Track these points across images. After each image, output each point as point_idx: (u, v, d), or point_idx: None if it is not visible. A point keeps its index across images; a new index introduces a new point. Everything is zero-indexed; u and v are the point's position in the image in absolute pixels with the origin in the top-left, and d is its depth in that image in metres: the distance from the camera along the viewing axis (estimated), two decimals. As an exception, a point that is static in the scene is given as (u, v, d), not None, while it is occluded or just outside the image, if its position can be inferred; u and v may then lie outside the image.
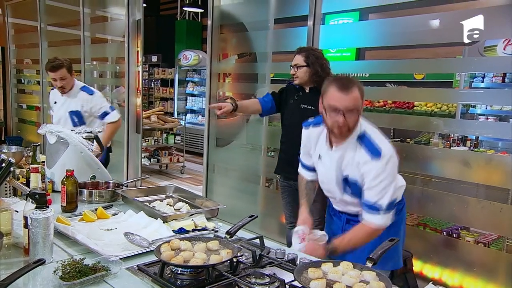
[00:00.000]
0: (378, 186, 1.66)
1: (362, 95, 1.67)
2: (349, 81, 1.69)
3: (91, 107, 3.11)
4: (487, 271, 2.51)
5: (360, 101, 1.67)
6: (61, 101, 3.16)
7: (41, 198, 1.37)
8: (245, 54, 4.16)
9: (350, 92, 1.65)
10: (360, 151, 1.71)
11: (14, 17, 6.90)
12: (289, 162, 2.70)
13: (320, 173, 1.90)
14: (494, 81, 4.67)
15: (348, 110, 1.64)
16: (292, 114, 2.68)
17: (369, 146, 1.70)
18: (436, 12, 2.83)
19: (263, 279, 1.25)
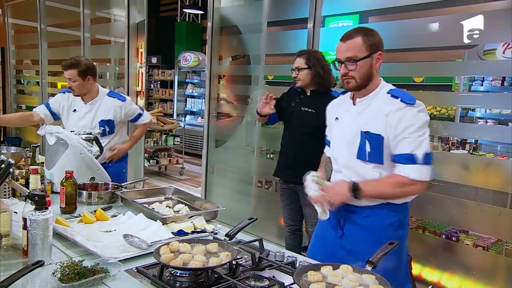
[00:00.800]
0: (413, 135, 1.56)
1: (369, 43, 1.60)
2: (357, 29, 1.64)
3: (125, 113, 2.87)
4: (486, 275, 2.51)
5: (362, 49, 1.60)
6: (84, 110, 2.83)
7: (40, 199, 1.37)
8: (239, 56, 4.17)
9: (349, 39, 1.61)
10: (391, 101, 1.61)
11: (14, 17, 6.90)
12: (288, 165, 2.70)
13: (334, 136, 1.80)
14: (493, 85, 4.68)
15: (347, 58, 1.60)
16: (293, 117, 2.68)
17: (402, 95, 1.62)
18: (435, 16, 2.83)
19: (262, 282, 1.24)
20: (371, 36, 1.62)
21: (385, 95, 1.65)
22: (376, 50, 1.62)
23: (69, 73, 2.74)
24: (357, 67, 1.61)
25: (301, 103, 2.64)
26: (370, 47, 1.61)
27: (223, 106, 4.31)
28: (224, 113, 4.37)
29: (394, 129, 1.59)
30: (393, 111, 1.59)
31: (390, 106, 1.60)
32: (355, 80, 1.63)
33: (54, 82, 6.67)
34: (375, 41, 1.62)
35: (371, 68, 1.63)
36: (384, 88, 1.67)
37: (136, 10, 5.07)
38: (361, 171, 1.68)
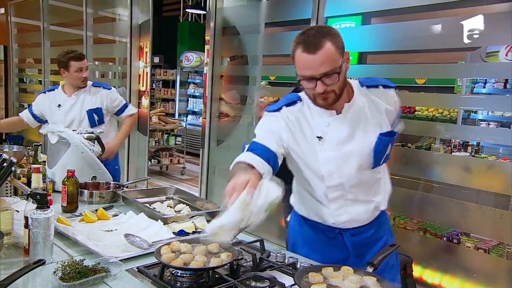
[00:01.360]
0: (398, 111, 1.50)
1: (340, 46, 1.30)
2: (318, 33, 1.30)
3: (111, 102, 2.96)
4: (487, 277, 2.51)
5: (337, 56, 1.29)
6: (70, 102, 2.89)
7: (42, 198, 1.37)
8: (237, 57, 4.18)
9: (319, 48, 1.27)
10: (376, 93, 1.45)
11: (17, 16, 6.91)
12: None
13: (329, 158, 1.43)
14: (495, 87, 4.67)
15: (324, 74, 1.28)
16: None
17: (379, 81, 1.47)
18: (438, 18, 2.83)
19: (263, 282, 1.24)
20: (336, 37, 1.31)
21: (362, 90, 1.45)
22: (343, 51, 1.33)
23: (85, 61, 2.85)
24: (336, 81, 1.31)
25: None
26: (340, 50, 1.31)
27: (221, 106, 4.32)
28: (223, 113, 4.37)
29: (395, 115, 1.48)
30: (392, 101, 1.47)
31: (383, 97, 1.45)
32: (335, 93, 1.35)
33: (57, 81, 6.69)
34: (340, 41, 1.33)
35: (345, 74, 1.37)
36: (355, 85, 1.47)
37: (139, 10, 5.08)
38: (372, 178, 1.50)
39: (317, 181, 1.49)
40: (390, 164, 2.87)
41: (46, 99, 2.98)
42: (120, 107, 3.01)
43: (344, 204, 1.49)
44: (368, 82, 1.46)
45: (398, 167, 2.88)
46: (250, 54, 3.98)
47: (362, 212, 1.51)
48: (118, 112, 3.01)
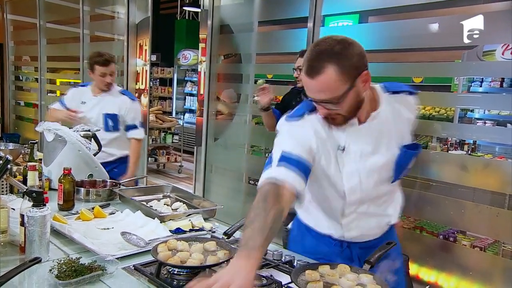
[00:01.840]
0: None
1: (347, 70, 1.16)
2: (322, 53, 1.17)
3: (127, 113, 2.88)
4: (483, 275, 2.52)
5: (338, 83, 1.16)
6: (93, 102, 2.89)
7: (38, 196, 1.36)
8: (230, 55, 4.18)
9: (317, 74, 1.16)
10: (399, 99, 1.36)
11: (13, 13, 6.88)
12: None
13: (348, 173, 1.33)
14: (492, 86, 4.69)
15: (322, 100, 1.21)
16: None
17: (403, 87, 1.39)
18: (435, 16, 2.83)
19: (260, 281, 1.24)
20: (346, 59, 1.16)
21: (386, 96, 1.35)
22: (358, 72, 1.19)
23: (111, 67, 2.82)
24: (343, 105, 1.21)
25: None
26: (350, 74, 1.17)
27: (218, 105, 4.32)
28: (219, 112, 4.38)
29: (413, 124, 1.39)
30: (413, 108, 1.38)
31: (405, 105, 1.36)
32: (342, 116, 1.25)
33: (53, 79, 6.66)
34: (354, 63, 1.18)
35: (358, 96, 1.22)
36: (379, 90, 1.36)
37: (136, 8, 5.06)
38: (386, 192, 1.42)
39: (337, 197, 1.37)
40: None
41: (76, 94, 2.99)
42: (132, 123, 2.91)
43: (356, 218, 1.39)
44: (392, 88, 1.36)
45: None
46: (244, 52, 3.98)
47: (373, 227, 1.45)
48: (128, 127, 2.92)
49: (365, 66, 1.22)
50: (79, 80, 5.69)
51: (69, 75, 6.57)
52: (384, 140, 1.32)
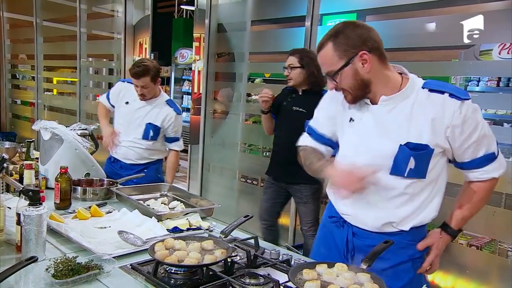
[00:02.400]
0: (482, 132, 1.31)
1: (343, 48, 1.29)
2: (328, 33, 1.33)
3: (170, 126, 2.75)
4: (479, 274, 2.53)
5: (334, 59, 1.30)
6: (137, 106, 2.71)
7: (35, 195, 1.36)
8: (223, 53, 4.19)
9: (321, 48, 1.33)
10: (434, 98, 1.29)
11: (10, 11, 6.84)
12: (280, 164, 2.71)
13: (348, 143, 1.45)
14: (489, 85, 4.70)
15: (326, 73, 1.35)
16: (285, 117, 2.68)
17: (450, 88, 1.30)
18: (433, 15, 2.84)
19: (257, 279, 1.24)
20: (344, 38, 1.29)
21: (421, 91, 1.32)
22: (356, 51, 1.28)
23: (143, 80, 2.58)
24: (341, 80, 1.33)
25: (293, 102, 2.63)
26: (346, 52, 1.29)
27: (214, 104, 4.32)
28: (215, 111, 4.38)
29: (458, 136, 1.30)
30: (449, 113, 1.28)
31: (439, 106, 1.29)
32: (349, 93, 1.36)
33: (50, 77, 6.64)
34: (352, 41, 1.29)
35: (358, 75, 1.31)
36: (416, 83, 1.35)
37: (134, 6, 5.05)
38: (395, 188, 1.37)
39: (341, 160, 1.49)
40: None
41: (122, 90, 2.82)
42: (174, 136, 2.82)
43: (355, 198, 1.39)
44: (433, 86, 1.33)
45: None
46: (238, 51, 3.98)
47: (369, 216, 1.42)
48: (169, 139, 2.83)
49: (365, 48, 1.29)
50: (75, 79, 5.67)
51: (66, 73, 6.54)
52: (391, 127, 1.34)
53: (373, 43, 1.30)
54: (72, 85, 6.21)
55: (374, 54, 1.30)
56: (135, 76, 2.57)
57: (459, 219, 1.44)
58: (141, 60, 2.66)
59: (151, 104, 2.72)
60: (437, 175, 1.41)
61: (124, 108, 2.77)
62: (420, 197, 1.40)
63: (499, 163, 1.39)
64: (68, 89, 6.75)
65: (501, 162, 1.40)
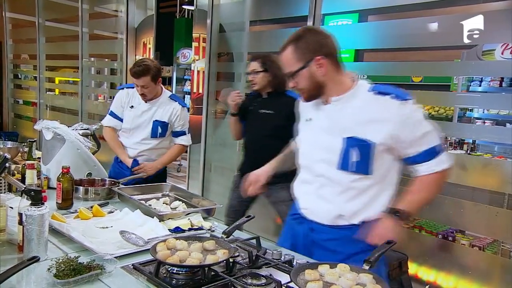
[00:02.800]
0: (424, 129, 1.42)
1: (300, 52, 1.43)
2: (290, 37, 1.47)
3: (177, 120, 2.75)
4: (481, 275, 2.52)
5: (293, 62, 1.44)
6: (143, 108, 2.71)
7: (37, 194, 1.36)
8: (223, 54, 4.20)
9: (282, 51, 1.48)
10: (380, 99, 1.43)
11: (12, 11, 6.86)
12: (250, 167, 2.70)
13: (305, 140, 1.62)
14: (491, 85, 4.69)
15: (286, 72, 1.48)
16: (253, 120, 2.71)
17: (393, 91, 1.43)
18: (435, 15, 2.83)
19: (259, 280, 1.24)
20: (304, 42, 1.43)
21: (367, 93, 1.46)
22: (313, 55, 1.42)
23: (143, 80, 2.57)
24: (298, 81, 1.48)
25: (259, 106, 2.67)
26: (304, 55, 1.43)
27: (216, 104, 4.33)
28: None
29: (399, 133, 1.41)
30: (393, 113, 1.41)
31: (382, 106, 1.42)
32: (305, 92, 1.51)
33: (52, 77, 6.65)
34: (310, 46, 1.43)
35: (313, 77, 1.45)
36: (363, 86, 1.49)
37: (135, 6, 5.06)
38: (342, 182, 1.49)
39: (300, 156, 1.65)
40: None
41: (124, 97, 2.79)
42: (180, 130, 2.80)
43: (311, 193, 1.56)
44: (379, 89, 1.46)
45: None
46: (236, 51, 3.99)
47: (323, 209, 1.54)
48: (175, 133, 2.81)
49: (320, 53, 1.43)
50: (77, 79, 5.68)
51: (67, 73, 6.55)
52: (339, 125, 1.48)
53: (329, 50, 1.45)
54: (74, 85, 6.22)
55: (329, 59, 1.45)
56: (135, 75, 2.57)
57: (406, 201, 1.49)
58: (141, 60, 2.65)
59: (156, 104, 2.72)
60: (385, 172, 1.50)
61: (129, 112, 2.76)
62: (368, 193, 1.50)
63: (442, 158, 1.47)
64: (70, 89, 6.76)
65: (443, 158, 1.48)
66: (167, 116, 2.72)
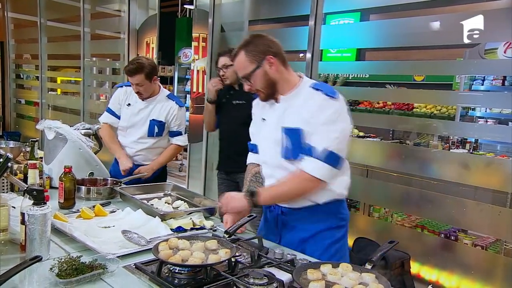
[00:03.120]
0: (324, 127, 1.53)
1: (252, 55, 1.59)
2: (240, 44, 1.64)
3: (174, 120, 2.75)
4: (484, 274, 2.51)
5: (246, 64, 1.59)
6: (139, 106, 2.72)
7: (39, 194, 1.36)
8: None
9: (235, 57, 1.64)
10: (314, 93, 1.59)
11: (14, 11, 6.87)
12: (228, 157, 2.80)
13: (262, 138, 1.75)
14: (494, 84, 4.68)
15: (241, 77, 1.64)
16: (226, 112, 2.76)
17: (325, 88, 1.59)
18: (437, 14, 2.82)
19: (261, 279, 1.24)
20: (253, 46, 1.61)
21: (308, 89, 1.62)
22: (264, 56, 1.59)
23: (138, 78, 2.58)
24: (254, 82, 1.62)
25: (231, 97, 2.72)
26: (255, 57, 1.59)
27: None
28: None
29: (310, 119, 1.55)
30: (314, 102, 1.57)
31: (314, 100, 1.57)
32: (262, 92, 1.65)
33: (54, 77, 6.66)
34: (259, 48, 1.60)
35: (267, 76, 1.61)
36: (307, 83, 1.65)
37: (137, 5, 5.06)
38: (286, 167, 1.63)
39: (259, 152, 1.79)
40: (388, 159, 2.87)
41: (121, 94, 2.81)
42: (177, 130, 2.79)
43: (273, 184, 1.69)
44: (317, 86, 1.62)
45: (396, 164, 2.88)
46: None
47: None
48: (171, 133, 2.81)
49: (270, 52, 1.60)
50: (79, 79, 5.68)
51: (69, 73, 6.56)
52: (285, 120, 1.63)
53: (276, 50, 1.62)
54: (76, 85, 6.22)
55: (278, 58, 1.62)
56: (128, 73, 2.58)
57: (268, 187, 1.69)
58: (136, 58, 2.67)
59: (152, 102, 2.73)
60: None
61: (126, 110, 2.77)
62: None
63: (315, 162, 1.54)
64: (72, 89, 6.77)
65: (317, 165, 1.53)
66: (163, 115, 2.73)
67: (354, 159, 3.14)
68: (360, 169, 3.31)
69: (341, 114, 1.56)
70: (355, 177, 3.25)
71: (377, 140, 4.32)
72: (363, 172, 3.32)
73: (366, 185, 3.10)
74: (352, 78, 6.12)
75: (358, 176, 3.24)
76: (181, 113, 2.80)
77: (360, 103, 5.38)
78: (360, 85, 5.78)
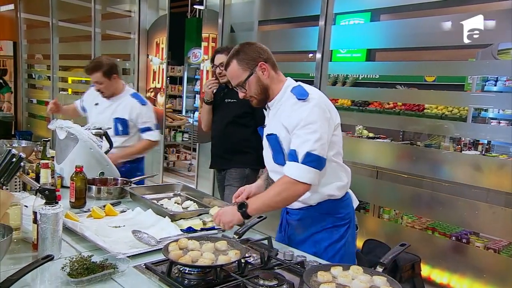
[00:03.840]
0: (300, 131, 1.54)
1: (245, 63, 1.62)
2: (231, 53, 1.67)
3: (137, 118, 2.79)
4: (496, 278, 2.48)
5: (240, 72, 1.63)
6: (105, 105, 2.82)
7: (51, 194, 1.37)
8: None
9: (227, 67, 1.67)
10: (290, 98, 1.63)
11: (27, 12, 6.96)
12: (220, 155, 2.81)
13: (263, 142, 1.82)
14: (507, 85, 4.60)
15: (235, 85, 1.67)
16: (218, 110, 2.78)
17: (296, 90, 1.62)
18: (448, 14, 2.79)
19: (271, 281, 1.23)
20: (244, 54, 1.64)
21: (288, 94, 1.65)
22: (256, 63, 1.63)
23: (94, 76, 2.69)
24: (248, 89, 1.66)
25: (225, 96, 2.73)
26: (248, 64, 1.63)
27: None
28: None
29: (287, 125, 1.59)
30: (288, 107, 1.61)
31: (287, 103, 1.63)
32: (255, 98, 1.68)
33: (65, 77, 6.73)
34: (251, 56, 1.63)
35: (260, 81, 1.65)
36: (288, 87, 1.67)
37: (147, 6, 5.09)
38: (278, 171, 1.67)
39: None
40: (398, 161, 2.84)
41: (91, 94, 2.93)
42: (144, 126, 2.83)
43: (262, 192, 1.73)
44: (293, 90, 1.64)
45: (406, 165, 2.85)
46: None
47: None
48: (141, 130, 2.85)
49: (260, 59, 1.64)
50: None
51: (80, 73, 6.61)
52: (270, 125, 1.70)
53: (266, 55, 1.66)
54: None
55: (269, 64, 1.65)
56: (86, 71, 2.71)
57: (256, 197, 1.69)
58: (96, 57, 2.79)
59: (116, 101, 2.82)
60: None
61: (94, 109, 2.89)
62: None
63: (296, 166, 1.53)
64: (82, 89, 6.80)
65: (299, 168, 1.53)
66: (126, 113, 2.78)
67: (364, 160, 3.12)
68: (370, 171, 3.29)
69: (315, 114, 1.55)
70: (365, 178, 3.24)
71: (387, 141, 4.29)
72: (373, 174, 3.29)
73: (376, 186, 3.08)
74: (362, 79, 6.08)
75: (368, 177, 3.22)
76: (145, 110, 2.84)
77: (370, 104, 5.34)
78: (370, 86, 5.74)
